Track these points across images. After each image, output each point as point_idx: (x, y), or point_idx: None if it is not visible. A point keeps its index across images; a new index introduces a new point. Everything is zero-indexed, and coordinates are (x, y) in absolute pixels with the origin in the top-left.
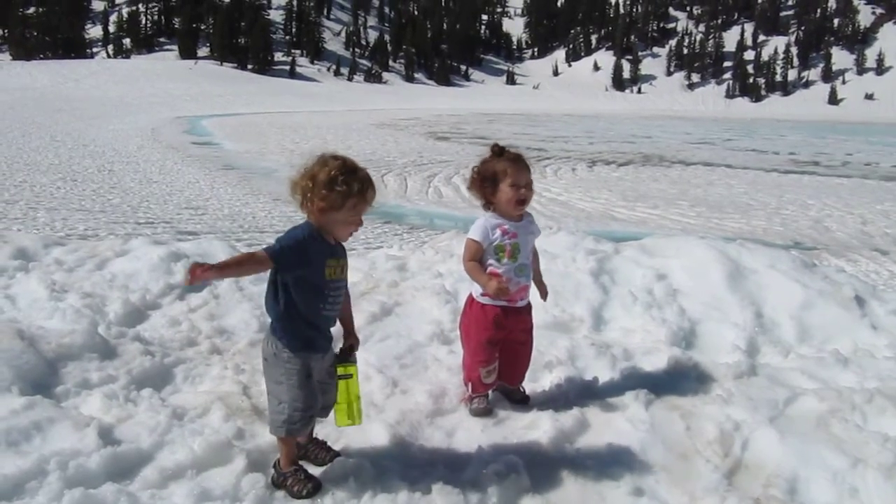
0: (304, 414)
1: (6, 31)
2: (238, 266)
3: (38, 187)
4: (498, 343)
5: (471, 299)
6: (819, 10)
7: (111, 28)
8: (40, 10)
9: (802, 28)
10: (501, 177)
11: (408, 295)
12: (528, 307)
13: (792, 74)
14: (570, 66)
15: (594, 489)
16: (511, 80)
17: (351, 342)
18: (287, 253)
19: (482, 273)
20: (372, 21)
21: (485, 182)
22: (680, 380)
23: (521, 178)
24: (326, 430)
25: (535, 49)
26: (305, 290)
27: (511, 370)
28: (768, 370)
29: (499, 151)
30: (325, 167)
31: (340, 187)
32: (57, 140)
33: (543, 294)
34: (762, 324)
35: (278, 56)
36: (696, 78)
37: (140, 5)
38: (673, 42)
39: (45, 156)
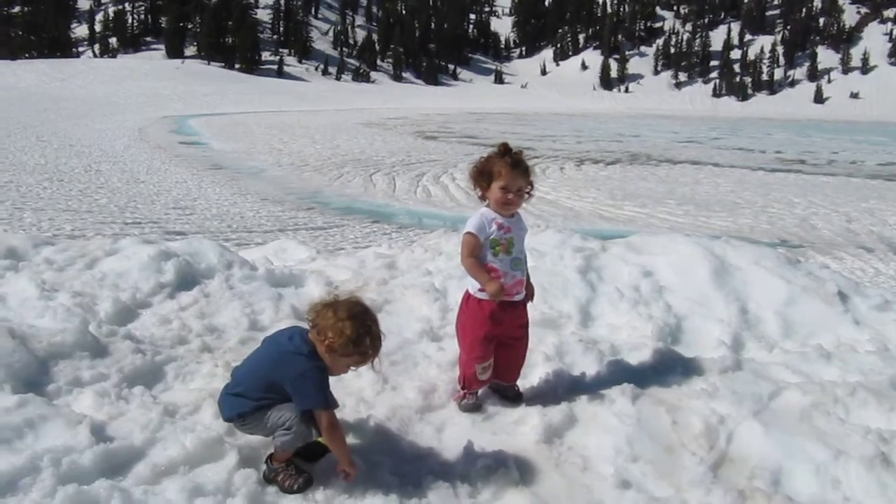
0: (305, 441)
1: None
2: (344, 443)
3: (24, 187)
4: (494, 339)
5: (467, 295)
6: (804, 10)
7: (97, 27)
8: (26, 8)
9: (788, 27)
10: (496, 177)
11: (397, 293)
12: (524, 301)
13: (778, 73)
14: (557, 65)
15: (582, 482)
16: (499, 79)
17: None
18: (328, 393)
19: (483, 271)
20: (360, 20)
21: (481, 176)
22: (666, 375)
23: (512, 183)
24: None
25: (523, 48)
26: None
27: (507, 367)
28: (753, 365)
29: (503, 152)
30: (359, 322)
31: (361, 348)
32: (43, 140)
33: (530, 296)
34: (747, 319)
35: (266, 55)
36: (683, 77)
37: (126, 4)
38: (660, 41)
39: (31, 156)
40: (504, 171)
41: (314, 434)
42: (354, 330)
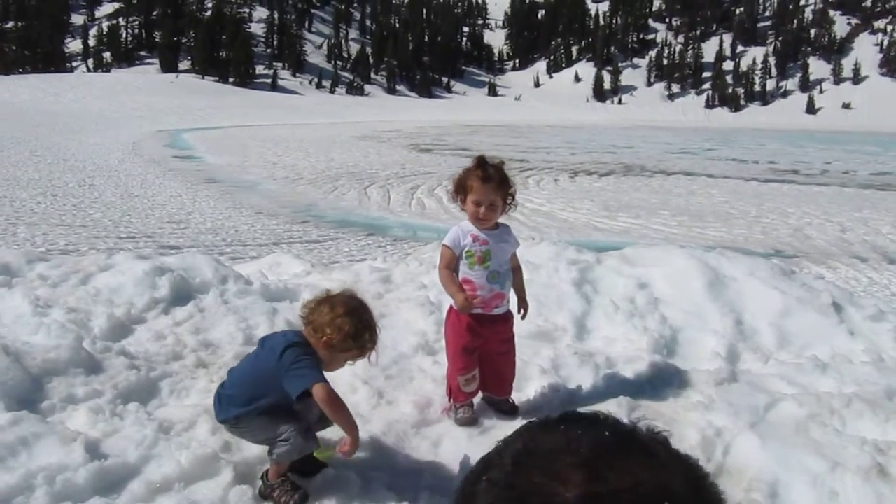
0: (301, 452)
1: None
2: (343, 409)
3: (17, 202)
4: (475, 350)
5: (450, 307)
6: (795, 21)
7: (91, 42)
8: (19, 24)
9: (780, 39)
10: (469, 190)
11: (392, 307)
12: (507, 316)
13: (770, 84)
14: (551, 77)
15: None
16: (493, 91)
17: None
18: (320, 369)
19: (453, 283)
20: (353, 34)
21: (458, 191)
22: (662, 387)
23: (483, 197)
24: None
25: (517, 61)
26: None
27: (495, 381)
28: (748, 376)
29: (476, 165)
30: (355, 318)
31: (360, 342)
32: (37, 155)
33: (523, 313)
34: (742, 331)
35: (260, 69)
36: (676, 88)
37: (120, 19)
38: (653, 53)
39: (25, 170)
40: (475, 186)
41: (313, 446)
42: (353, 325)
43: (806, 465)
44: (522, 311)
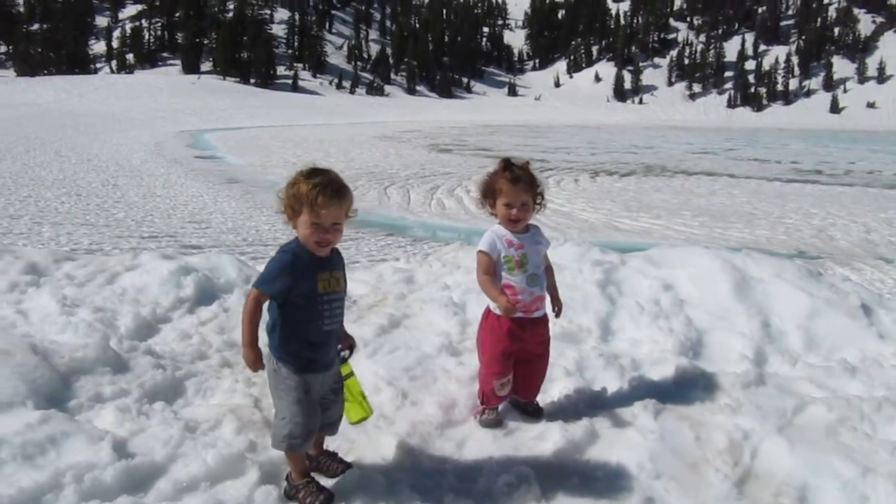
0: (304, 429)
1: (11, 47)
2: (249, 324)
3: (42, 202)
4: (513, 355)
5: (487, 310)
6: (819, 20)
7: (115, 43)
8: (44, 26)
9: (803, 37)
10: (499, 194)
11: (415, 307)
12: (544, 318)
13: (793, 84)
14: (571, 77)
15: (605, 499)
16: (513, 91)
17: (349, 342)
18: (273, 277)
19: (494, 288)
20: (373, 34)
21: (486, 195)
22: (688, 389)
23: (514, 199)
24: (337, 441)
25: (537, 60)
26: (300, 307)
27: (526, 383)
28: (776, 379)
29: (503, 167)
30: (302, 174)
31: (294, 188)
32: (61, 155)
33: (557, 311)
34: (769, 333)
35: (281, 70)
36: (697, 88)
37: (143, 21)
38: (674, 52)
39: (50, 171)
40: (505, 188)
41: (301, 446)
42: (291, 179)
43: (836, 469)
44: (557, 309)
